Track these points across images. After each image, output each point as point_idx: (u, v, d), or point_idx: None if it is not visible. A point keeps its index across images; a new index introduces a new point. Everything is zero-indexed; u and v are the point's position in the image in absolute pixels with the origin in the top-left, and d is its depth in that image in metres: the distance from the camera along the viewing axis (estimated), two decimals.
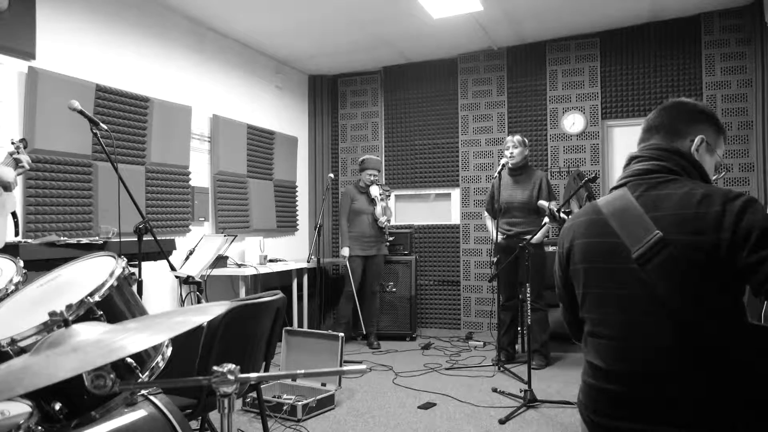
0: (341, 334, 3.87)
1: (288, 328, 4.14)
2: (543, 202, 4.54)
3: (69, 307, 1.27)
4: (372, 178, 5.59)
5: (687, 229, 1.26)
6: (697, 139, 1.45)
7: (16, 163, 2.82)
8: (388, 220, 5.64)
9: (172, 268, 3.31)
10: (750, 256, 1.21)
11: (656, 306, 1.28)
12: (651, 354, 1.29)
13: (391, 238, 5.77)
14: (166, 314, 1.21)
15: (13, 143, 2.93)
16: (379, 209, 5.56)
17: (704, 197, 1.28)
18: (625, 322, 1.34)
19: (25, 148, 2.97)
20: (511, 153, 4.68)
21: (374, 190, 5.57)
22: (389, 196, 5.81)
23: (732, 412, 1.22)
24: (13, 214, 3.30)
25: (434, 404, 3.77)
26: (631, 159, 1.48)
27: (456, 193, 6.50)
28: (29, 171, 2.86)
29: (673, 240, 1.27)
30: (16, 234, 3.57)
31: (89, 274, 1.48)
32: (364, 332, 5.64)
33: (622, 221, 1.37)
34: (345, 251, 5.53)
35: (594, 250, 1.43)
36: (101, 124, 2.82)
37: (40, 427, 1.19)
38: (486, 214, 5.11)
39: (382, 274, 5.78)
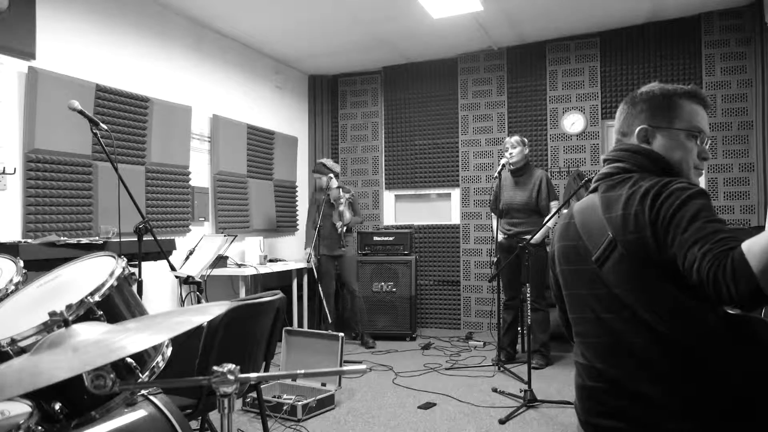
0: (341, 334, 3.87)
1: (288, 328, 4.14)
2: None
3: (69, 307, 1.27)
4: (318, 181, 5.54)
5: (629, 228, 1.26)
6: (637, 131, 1.41)
7: None
8: (344, 226, 5.41)
9: (172, 268, 3.31)
10: (669, 241, 1.16)
11: (619, 306, 1.30)
12: (624, 353, 1.30)
13: (347, 246, 5.52)
14: (166, 314, 1.21)
15: None
16: (335, 215, 5.45)
17: (644, 193, 1.25)
18: (596, 322, 1.36)
19: None
20: (511, 153, 4.67)
21: (333, 194, 5.42)
22: (349, 198, 5.54)
23: (703, 409, 1.20)
24: None
25: (434, 404, 3.77)
26: (604, 161, 1.50)
27: (456, 193, 6.50)
28: (29, 172, 2.85)
29: (620, 240, 1.27)
30: None
31: (89, 274, 1.48)
32: (357, 333, 5.64)
33: (585, 224, 1.40)
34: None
35: (566, 254, 1.46)
36: (101, 124, 2.82)
37: (40, 427, 1.19)
38: (492, 213, 5.11)
39: (355, 274, 5.65)
